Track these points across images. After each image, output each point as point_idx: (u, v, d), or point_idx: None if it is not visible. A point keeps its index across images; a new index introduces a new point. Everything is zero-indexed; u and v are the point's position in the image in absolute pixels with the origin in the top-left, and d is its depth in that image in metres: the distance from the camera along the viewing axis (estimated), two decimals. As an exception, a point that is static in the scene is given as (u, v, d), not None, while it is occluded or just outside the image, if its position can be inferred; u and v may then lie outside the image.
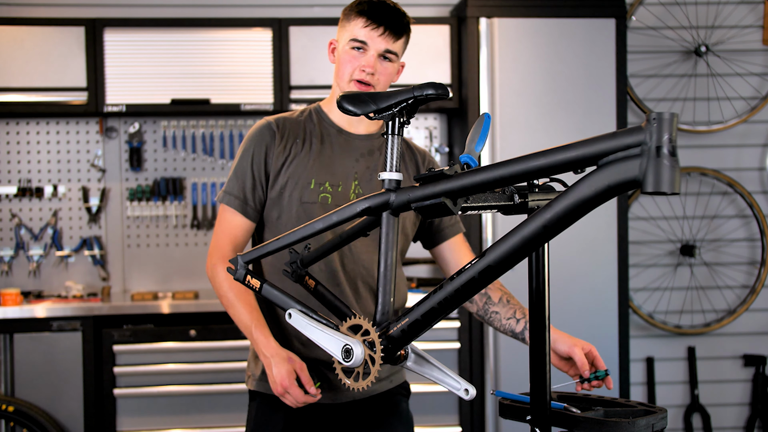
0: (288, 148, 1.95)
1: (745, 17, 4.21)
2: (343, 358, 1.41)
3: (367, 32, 1.89)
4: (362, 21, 1.89)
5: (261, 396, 2.00)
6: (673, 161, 1.02)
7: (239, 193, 1.96)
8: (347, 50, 1.92)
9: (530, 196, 1.45)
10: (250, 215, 1.96)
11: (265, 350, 1.86)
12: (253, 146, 1.96)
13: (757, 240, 4.20)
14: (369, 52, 1.90)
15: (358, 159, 1.98)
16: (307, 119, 2.01)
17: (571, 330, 3.67)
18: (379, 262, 1.43)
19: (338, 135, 1.99)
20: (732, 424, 4.22)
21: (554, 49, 3.61)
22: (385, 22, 1.89)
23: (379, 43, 1.90)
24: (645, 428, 1.31)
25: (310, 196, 1.92)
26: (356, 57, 1.91)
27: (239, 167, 1.97)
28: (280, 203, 1.95)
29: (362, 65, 1.90)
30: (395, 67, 1.95)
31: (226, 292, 1.93)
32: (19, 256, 3.99)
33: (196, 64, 3.77)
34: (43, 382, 3.44)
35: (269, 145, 1.95)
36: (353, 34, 1.90)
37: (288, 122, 1.99)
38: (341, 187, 1.94)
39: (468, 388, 1.38)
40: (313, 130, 1.99)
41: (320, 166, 1.94)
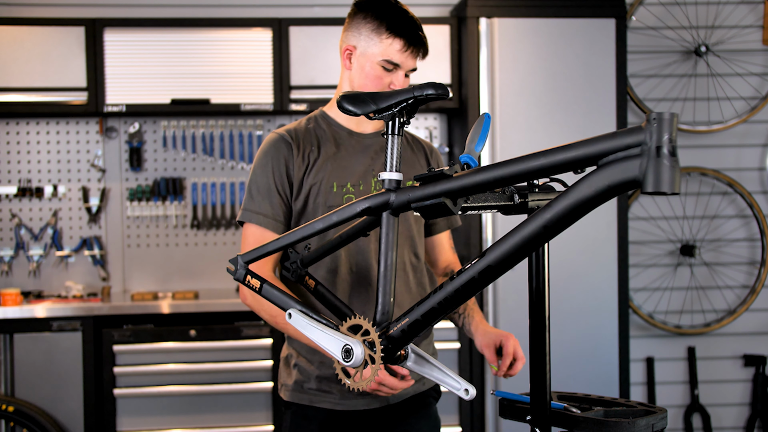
0: (306, 156, 1.94)
1: (745, 17, 4.21)
2: (343, 358, 1.41)
3: (404, 55, 1.91)
4: (400, 44, 1.90)
5: (295, 406, 1.98)
6: (673, 161, 1.02)
7: (267, 211, 1.92)
8: (376, 67, 1.91)
9: (530, 196, 1.45)
10: (280, 231, 1.92)
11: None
12: (271, 161, 1.92)
13: (757, 240, 4.20)
14: (400, 71, 1.92)
15: (374, 157, 1.98)
16: (315, 126, 2.00)
17: (571, 330, 3.71)
18: (379, 262, 1.43)
19: (349, 137, 1.99)
20: (732, 424, 4.23)
21: (554, 49, 3.61)
22: (419, 44, 1.93)
23: (410, 63, 1.93)
24: (645, 428, 1.31)
25: (334, 199, 1.92)
26: (386, 76, 1.92)
27: (261, 184, 1.92)
28: (306, 212, 1.93)
29: (392, 83, 1.92)
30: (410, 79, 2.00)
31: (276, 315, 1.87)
32: (19, 256, 3.99)
33: (196, 64, 3.77)
34: (43, 382, 3.44)
35: (288, 158, 1.93)
36: (387, 55, 1.90)
37: (299, 132, 1.97)
38: (362, 186, 1.95)
39: (468, 388, 1.38)
40: (324, 136, 1.98)
41: (339, 169, 1.94)
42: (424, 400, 2.05)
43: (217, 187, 4.04)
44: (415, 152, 2.06)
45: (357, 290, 1.95)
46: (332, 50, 3.75)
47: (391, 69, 1.91)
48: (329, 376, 1.93)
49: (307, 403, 1.95)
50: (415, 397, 2.03)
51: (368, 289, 1.96)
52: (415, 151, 2.07)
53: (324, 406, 1.94)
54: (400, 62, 1.90)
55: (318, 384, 1.95)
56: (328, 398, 1.94)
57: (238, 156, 4.04)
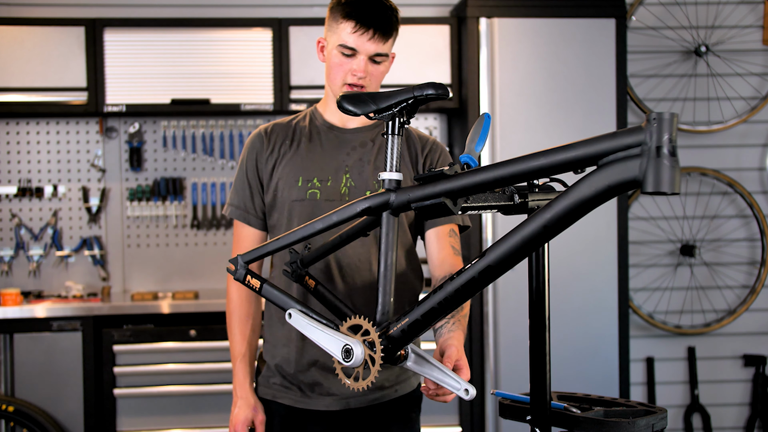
0: (277, 150, 1.96)
1: (745, 17, 4.21)
2: (343, 358, 1.40)
3: (356, 38, 1.84)
4: (350, 26, 1.84)
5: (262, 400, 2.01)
6: (673, 161, 1.02)
7: (239, 202, 1.99)
8: (336, 54, 1.88)
9: (530, 196, 1.44)
10: (254, 223, 1.98)
11: (239, 389, 1.96)
12: (246, 156, 1.99)
13: (757, 240, 4.20)
14: (359, 56, 1.86)
15: (350, 152, 1.96)
16: (300, 121, 2.01)
17: (571, 330, 3.70)
18: (379, 262, 1.43)
19: (329, 131, 1.98)
20: (732, 424, 4.22)
21: (554, 49, 3.61)
22: (374, 25, 1.84)
23: (369, 47, 1.85)
24: (645, 428, 1.31)
25: (298, 193, 1.92)
26: (346, 62, 1.87)
27: (237, 178, 2.00)
28: (275, 205, 1.96)
29: (353, 69, 1.87)
30: (386, 65, 1.93)
31: (230, 314, 2.01)
32: (19, 256, 3.99)
33: (196, 64, 3.77)
34: (43, 382, 3.44)
35: (259, 152, 1.97)
36: (341, 39, 1.86)
37: (278, 126, 1.99)
38: (331, 181, 1.92)
39: (468, 388, 1.38)
40: (302, 130, 1.98)
41: (308, 164, 1.94)
42: (397, 406, 2.01)
43: (217, 187, 4.04)
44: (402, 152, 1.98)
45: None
46: (332, 50, 3.75)
47: (350, 54, 1.86)
48: (291, 373, 1.95)
49: (271, 397, 1.98)
50: (386, 405, 1.99)
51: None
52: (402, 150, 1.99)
53: (285, 402, 1.96)
54: (355, 46, 1.84)
55: (281, 380, 1.97)
56: (290, 395, 1.96)
57: (238, 156, 4.04)
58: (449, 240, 1.96)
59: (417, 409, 2.06)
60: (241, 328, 1.98)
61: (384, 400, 1.98)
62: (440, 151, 2.03)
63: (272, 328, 2.00)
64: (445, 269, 1.90)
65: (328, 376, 1.93)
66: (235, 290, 1.99)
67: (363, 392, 1.93)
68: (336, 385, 1.93)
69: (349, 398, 1.94)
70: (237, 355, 1.97)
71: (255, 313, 2.01)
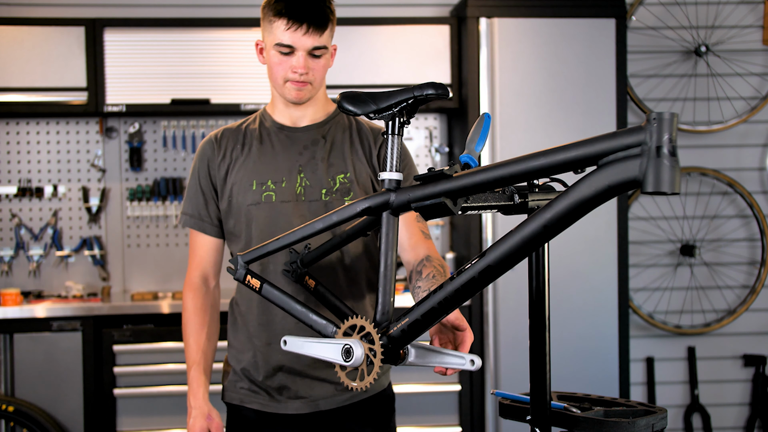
0: (228, 156, 1.95)
1: (745, 17, 4.21)
2: (343, 358, 1.40)
3: (291, 35, 1.82)
4: (283, 23, 1.82)
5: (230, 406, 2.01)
6: (673, 161, 1.02)
7: (194, 211, 1.97)
8: (275, 54, 1.86)
9: (530, 196, 1.44)
10: (209, 231, 1.97)
11: (192, 399, 1.92)
12: (198, 164, 1.97)
13: (757, 240, 4.20)
14: (297, 53, 1.84)
15: (302, 152, 1.94)
16: (249, 124, 1.99)
17: (571, 330, 3.70)
18: (379, 262, 1.43)
19: (279, 132, 1.96)
20: (732, 424, 4.22)
21: (554, 49, 3.61)
22: (307, 19, 1.81)
23: (306, 42, 1.83)
24: (645, 428, 1.31)
25: (253, 197, 1.91)
26: (285, 60, 1.85)
27: (190, 187, 1.99)
28: (231, 211, 1.94)
29: (293, 67, 1.85)
30: (327, 57, 1.90)
31: (185, 323, 1.98)
32: (19, 256, 3.99)
33: (196, 64, 3.77)
34: (43, 382, 3.44)
35: (210, 159, 1.95)
36: (277, 38, 1.83)
37: (227, 132, 1.98)
38: (285, 182, 1.91)
39: (473, 359, 1.36)
40: (253, 133, 1.97)
41: (261, 166, 1.92)
42: (367, 407, 1.99)
43: (217, 187, 4.04)
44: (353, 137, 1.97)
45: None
46: (332, 50, 3.75)
47: (288, 52, 1.84)
48: (258, 378, 1.94)
49: (239, 402, 1.97)
50: (357, 405, 1.97)
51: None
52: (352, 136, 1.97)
53: (254, 407, 1.95)
54: (291, 43, 1.82)
55: (249, 384, 1.96)
56: (258, 399, 1.95)
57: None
58: (418, 225, 1.94)
59: (390, 408, 2.04)
60: (196, 337, 1.95)
61: (354, 401, 1.96)
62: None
63: (236, 333, 1.99)
64: (419, 253, 1.86)
65: (295, 380, 1.92)
66: (190, 299, 1.97)
67: (332, 394, 1.93)
68: (304, 388, 1.92)
69: (319, 400, 1.93)
70: (191, 364, 1.94)
71: (210, 321, 1.98)
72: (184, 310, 1.99)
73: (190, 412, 1.92)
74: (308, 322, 1.58)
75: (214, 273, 2.00)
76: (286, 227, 1.86)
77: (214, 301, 2.00)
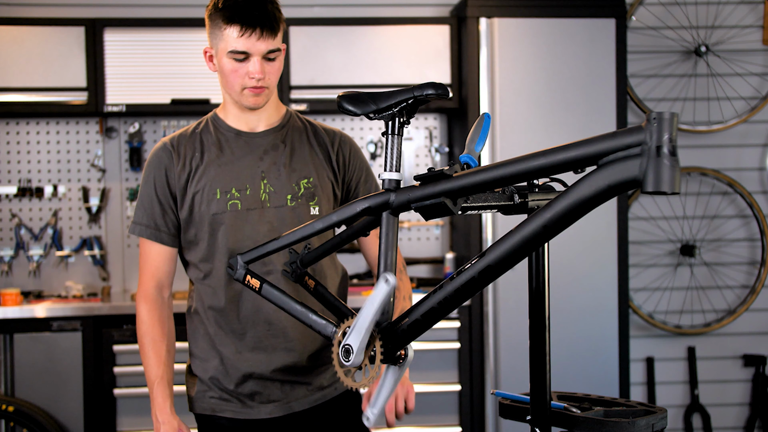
0: (188, 164, 1.90)
1: (745, 17, 4.21)
2: (342, 358, 1.40)
3: (245, 41, 1.79)
4: (236, 30, 1.79)
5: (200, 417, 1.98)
6: (673, 161, 1.02)
7: (149, 221, 1.91)
8: (228, 62, 1.83)
9: (530, 196, 1.44)
10: (166, 241, 1.92)
11: (159, 414, 1.87)
12: (153, 172, 1.91)
13: (757, 240, 4.20)
14: (252, 58, 1.81)
15: (262, 157, 1.91)
16: (203, 130, 1.95)
17: (571, 330, 3.70)
18: (378, 262, 1.43)
19: (237, 138, 1.93)
20: (732, 424, 4.22)
21: (554, 49, 3.61)
22: (259, 23, 1.78)
23: (260, 46, 1.80)
24: (645, 428, 1.31)
25: (218, 206, 1.87)
26: (240, 66, 1.82)
27: (144, 195, 1.92)
28: (192, 221, 1.90)
29: (249, 73, 1.82)
30: (281, 59, 1.87)
31: (142, 336, 1.92)
32: (19, 256, 3.99)
33: (196, 64, 3.73)
34: (43, 382, 3.44)
35: (168, 167, 1.90)
36: (230, 46, 1.81)
37: (183, 138, 1.93)
38: (249, 189, 1.88)
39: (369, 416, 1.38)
40: (209, 140, 1.92)
41: (223, 174, 1.89)
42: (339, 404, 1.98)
43: (217, 187, 4.04)
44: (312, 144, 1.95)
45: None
46: (332, 50, 3.75)
47: (243, 58, 1.81)
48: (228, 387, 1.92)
49: (210, 412, 1.94)
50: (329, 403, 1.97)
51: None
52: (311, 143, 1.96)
53: (226, 416, 1.93)
54: (246, 49, 1.80)
55: (219, 393, 1.93)
56: (230, 407, 1.93)
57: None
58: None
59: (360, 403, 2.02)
60: (156, 350, 1.89)
61: (326, 400, 1.96)
62: (349, 144, 2.00)
63: (197, 342, 1.96)
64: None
65: (267, 384, 1.91)
66: (145, 312, 1.91)
67: (304, 394, 1.92)
68: (275, 392, 1.91)
69: (291, 402, 1.92)
70: (154, 379, 1.88)
71: (169, 333, 1.93)
72: (139, 322, 1.92)
73: (157, 427, 1.87)
74: (308, 322, 1.58)
75: (168, 283, 1.96)
76: (253, 235, 1.84)
77: (169, 312, 1.96)
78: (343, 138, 2.00)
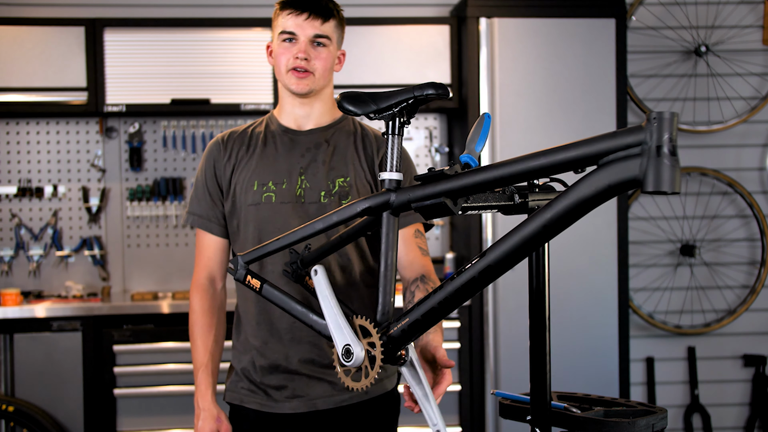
0: (234, 157, 1.97)
1: (745, 17, 4.21)
2: (343, 357, 1.40)
3: (293, 20, 1.90)
4: (287, 11, 1.91)
5: (231, 405, 2.02)
6: (673, 161, 1.02)
7: (201, 211, 1.99)
8: (279, 44, 1.93)
9: (530, 196, 1.44)
10: (216, 231, 1.98)
11: (201, 401, 1.93)
12: (205, 164, 2.00)
13: (757, 240, 4.20)
14: (300, 39, 1.90)
15: (304, 154, 1.96)
16: (255, 127, 2.03)
17: (571, 330, 3.70)
18: (378, 262, 1.43)
19: (283, 134, 1.99)
20: (732, 424, 4.22)
21: (554, 49, 3.61)
22: (309, 8, 1.90)
23: (307, 28, 1.90)
24: (645, 428, 1.31)
25: (253, 197, 1.93)
26: (288, 48, 1.91)
27: (197, 187, 2.01)
28: (234, 211, 1.96)
29: (295, 53, 1.90)
30: (331, 52, 1.95)
31: (193, 325, 1.99)
32: (19, 256, 3.99)
33: (196, 64, 3.77)
34: (43, 382, 3.44)
35: (216, 160, 1.98)
36: (281, 27, 1.92)
37: (234, 134, 2.02)
38: (286, 184, 1.93)
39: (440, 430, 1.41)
40: (258, 136, 2.00)
41: (263, 167, 1.95)
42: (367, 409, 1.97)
43: (217, 187, 4.04)
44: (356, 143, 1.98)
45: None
46: (332, 50, 3.75)
47: (290, 38, 1.91)
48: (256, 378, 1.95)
49: (239, 402, 1.98)
50: (356, 406, 1.95)
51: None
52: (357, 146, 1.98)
53: (252, 407, 1.95)
54: (293, 29, 1.90)
55: (248, 384, 1.96)
56: (256, 399, 1.95)
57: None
58: (415, 241, 1.96)
59: (393, 411, 2.02)
60: (204, 339, 1.96)
61: (353, 402, 1.95)
62: None
63: (238, 335, 2.01)
64: (415, 270, 1.91)
65: (293, 378, 1.92)
66: (197, 301, 1.98)
67: (330, 393, 1.92)
68: (301, 387, 1.92)
69: (316, 400, 1.92)
70: (198, 366, 1.95)
71: (218, 324, 1.99)
72: (191, 312, 1.99)
73: (198, 413, 1.92)
74: (308, 322, 1.58)
75: (221, 274, 2.01)
76: (284, 228, 1.86)
77: (221, 303, 2.01)
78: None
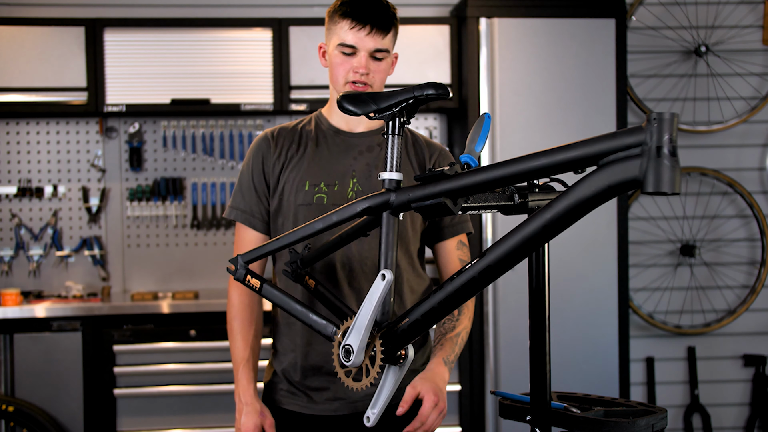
0: (284, 154, 1.95)
1: (745, 17, 4.21)
2: (343, 358, 1.40)
3: (354, 34, 1.85)
4: (347, 23, 1.85)
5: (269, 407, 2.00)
6: (673, 161, 1.02)
7: (245, 206, 1.97)
8: (337, 55, 1.88)
9: (530, 196, 1.44)
10: (259, 227, 1.96)
11: (243, 396, 1.91)
12: (252, 159, 1.97)
13: (757, 240, 4.20)
14: (359, 53, 1.86)
15: (357, 157, 1.95)
16: (305, 125, 2.00)
17: (571, 330, 3.70)
18: (379, 262, 1.43)
19: (335, 136, 1.97)
20: (732, 424, 4.22)
21: (554, 49, 3.61)
22: (371, 21, 1.85)
23: (368, 43, 1.86)
24: (645, 428, 1.31)
25: (304, 197, 1.91)
26: (347, 60, 1.87)
27: (242, 181, 1.98)
28: (281, 209, 1.94)
29: (354, 67, 1.86)
30: (388, 62, 1.92)
31: (232, 319, 1.97)
32: (19, 256, 3.99)
33: (196, 64, 3.77)
34: (43, 382, 3.44)
35: (266, 156, 1.96)
36: (340, 38, 1.87)
37: (284, 131, 1.99)
38: (338, 186, 1.91)
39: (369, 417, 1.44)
40: (309, 135, 1.98)
41: (315, 168, 1.93)
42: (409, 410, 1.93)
43: (217, 187, 4.04)
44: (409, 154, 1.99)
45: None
46: (332, 50, 3.75)
47: (350, 53, 1.86)
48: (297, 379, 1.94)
49: (278, 404, 1.97)
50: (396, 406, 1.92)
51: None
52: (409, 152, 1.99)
53: (292, 409, 1.95)
54: (354, 43, 1.85)
55: (288, 386, 1.96)
56: (297, 401, 1.95)
57: (238, 156, 4.04)
58: (457, 253, 1.97)
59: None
60: (244, 334, 1.94)
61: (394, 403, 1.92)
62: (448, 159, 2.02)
63: (280, 338, 1.99)
64: None
65: (334, 381, 1.91)
66: (236, 295, 1.96)
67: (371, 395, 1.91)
68: (343, 390, 1.91)
69: (357, 402, 1.92)
70: (240, 361, 1.93)
71: (258, 318, 1.98)
72: (230, 306, 1.97)
73: (240, 408, 1.90)
74: (308, 322, 1.58)
75: (260, 270, 1.97)
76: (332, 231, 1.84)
77: (259, 299, 1.99)
78: (443, 153, 2.02)
